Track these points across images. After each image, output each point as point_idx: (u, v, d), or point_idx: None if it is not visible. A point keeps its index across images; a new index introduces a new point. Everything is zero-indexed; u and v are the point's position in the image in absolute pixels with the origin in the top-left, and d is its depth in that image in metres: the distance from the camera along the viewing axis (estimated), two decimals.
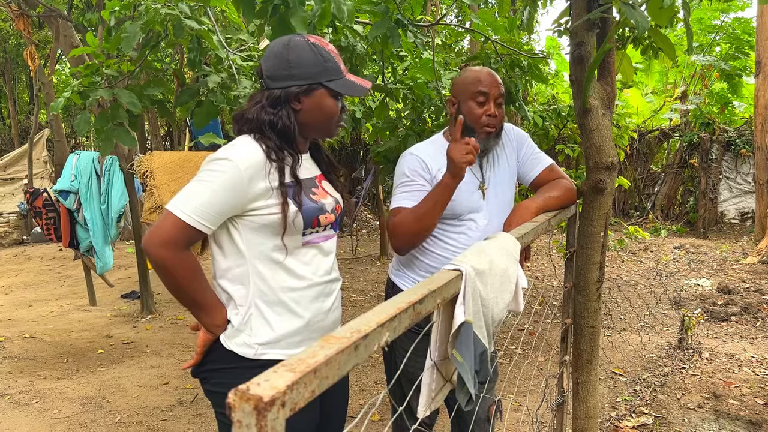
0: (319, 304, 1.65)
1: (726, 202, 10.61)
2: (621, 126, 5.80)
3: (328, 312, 1.69)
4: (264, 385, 0.64)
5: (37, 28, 10.86)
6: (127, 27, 2.64)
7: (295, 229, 1.57)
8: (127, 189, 5.72)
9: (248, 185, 1.50)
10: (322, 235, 1.66)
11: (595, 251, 2.14)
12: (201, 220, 1.46)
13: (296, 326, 1.61)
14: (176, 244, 1.46)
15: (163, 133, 14.92)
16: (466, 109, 2.01)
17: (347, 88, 1.62)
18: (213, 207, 1.47)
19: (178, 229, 1.45)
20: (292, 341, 1.61)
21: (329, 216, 1.66)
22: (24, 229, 10.88)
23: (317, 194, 1.66)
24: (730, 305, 5.69)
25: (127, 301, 6.43)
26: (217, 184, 1.47)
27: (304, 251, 1.62)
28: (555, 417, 2.37)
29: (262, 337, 1.57)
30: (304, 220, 1.57)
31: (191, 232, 1.47)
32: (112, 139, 2.84)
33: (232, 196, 1.49)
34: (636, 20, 1.79)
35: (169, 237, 1.45)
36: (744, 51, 11.54)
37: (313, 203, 1.61)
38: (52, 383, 4.13)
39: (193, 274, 1.51)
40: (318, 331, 1.66)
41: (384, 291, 3.23)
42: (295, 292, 1.60)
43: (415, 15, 3.61)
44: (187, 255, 1.49)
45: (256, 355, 1.57)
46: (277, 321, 1.58)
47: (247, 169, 1.49)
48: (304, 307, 1.62)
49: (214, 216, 1.48)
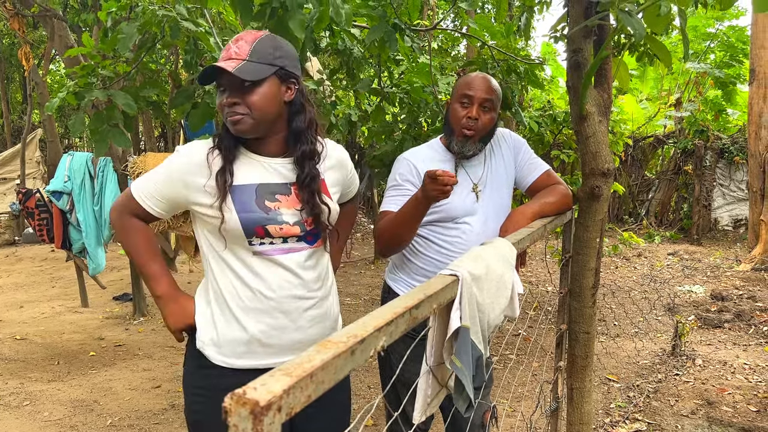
0: (268, 320, 1.56)
1: (720, 209, 10.66)
2: (616, 132, 5.81)
3: (284, 330, 1.58)
4: (260, 389, 0.64)
5: (31, 27, 10.82)
6: (123, 28, 2.63)
7: (233, 236, 1.53)
8: (120, 190, 5.70)
9: (184, 176, 1.56)
10: (278, 248, 1.55)
11: (590, 257, 2.14)
12: (143, 196, 1.61)
13: (237, 336, 1.56)
14: (122, 211, 1.64)
15: (157, 135, 14.88)
16: (451, 110, 2.06)
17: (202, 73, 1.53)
18: (152, 190, 1.60)
19: (126, 199, 1.64)
20: (236, 350, 1.57)
21: (286, 228, 1.55)
22: (16, 229, 10.82)
23: (279, 202, 1.56)
24: (723, 312, 5.71)
25: (120, 303, 6.40)
26: (161, 170, 1.60)
27: (257, 262, 1.55)
28: (549, 423, 2.37)
29: (208, 335, 1.60)
30: (243, 226, 1.51)
31: (135, 204, 1.62)
32: (107, 141, 2.83)
33: (169, 184, 1.58)
34: (633, 27, 1.79)
35: (119, 203, 1.66)
36: (738, 59, 11.62)
37: (260, 211, 1.53)
38: (42, 385, 4.10)
39: (136, 241, 1.64)
40: (270, 347, 1.57)
41: (378, 295, 3.21)
42: (242, 301, 1.55)
43: (412, 19, 3.62)
44: (131, 222, 1.64)
45: (207, 356, 1.60)
46: (222, 323, 1.58)
47: (185, 161, 1.57)
48: (248, 318, 1.55)
49: (154, 198, 1.60)
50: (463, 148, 2.02)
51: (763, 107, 8.58)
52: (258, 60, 1.50)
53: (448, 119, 2.06)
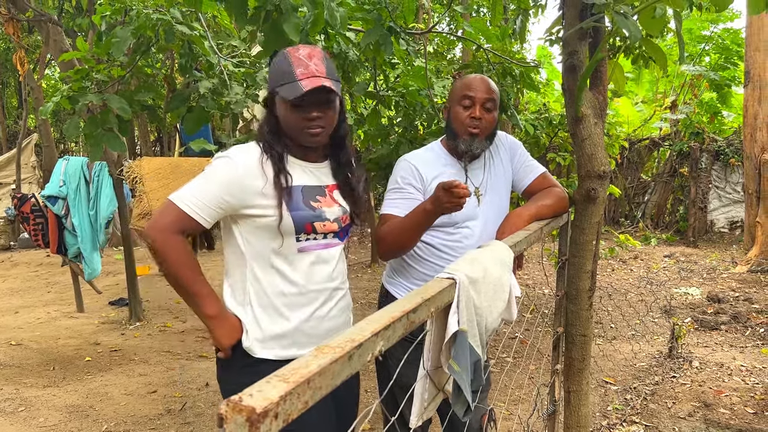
0: (310, 311, 1.68)
1: (715, 211, 10.67)
2: (612, 135, 5.82)
3: (321, 319, 1.71)
4: (257, 396, 0.63)
5: (26, 32, 10.80)
6: (117, 32, 2.62)
7: (285, 232, 1.61)
8: (116, 195, 5.68)
9: (243, 180, 1.58)
10: (320, 243, 1.68)
11: (587, 260, 2.14)
12: (196, 209, 1.55)
13: (283, 329, 1.65)
14: (170, 230, 1.55)
15: (153, 139, 14.86)
16: (453, 113, 2.04)
17: (286, 91, 1.57)
18: (208, 199, 1.56)
19: (174, 216, 1.55)
20: (281, 343, 1.66)
21: (329, 225, 1.68)
22: (11, 234, 10.78)
23: (321, 202, 1.69)
24: (719, 314, 5.71)
25: (115, 308, 6.37)
26: (214, 178, 1.58)
27: (300, 257, 1.65)
28: (546, 426, 2.36)
29: (252, 335, 1.64)
30: (295, 223, 1.61)
31: (186, 220, 1.55)
32: (101, 145, 2.82)
33: (226, 190, 1.57)
34: (628, 30, 1.79)
35: (164, 223, 1.55)
36: (733, 61, 11.66)
37: (308, 209, 1.64)
38: (38, 391, 4.07)
39: (185, 260, 1.57)
40: (309, 337, 1.69)
41: (375, 299, 3.20)
42: (287, 297, 1.65)
43: (408, 23, 3.62)
44: (178, 241, 1.56)
45: (251, 352, 1.64)
46: (265, 321, 1.65)
47: (242, 166, 1.59)
48: (294, 312, 1.66)
49: (210, 209, 1.57)
50: (471, 147, 2.02)
51: (758, 109, 8.61)
52: (333, 77, 1.62)
53: (451, 122, 2.05)
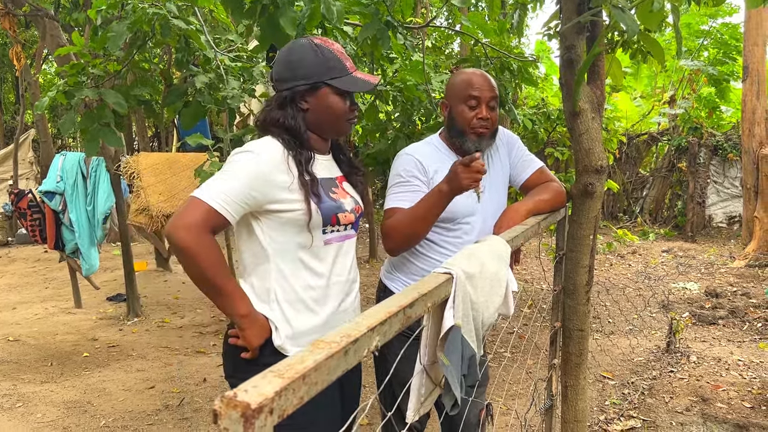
0: (335, 304, 1.71)
1: (714, 206, 10.68)
2: (610, 129, 5.82)
3: (345, 312, 1.74)
4: (252, 391, 0.62)
5: (23, 27, 10.75)
6: (113, 26, 2.61)
7: (313, 225, 1.62)
8: (113, 190, 5.67)
9: (269, 175, 1.55)
10: (342, 235, 1.71)
11: (584, 254, 2.14)
12: (225, 205, 1.48)
13: (313, 324, 1.66)
14: (200, 228, 1.46)
15: (150, 134, 14.82)
16: (457, 112, 2.01)
17: (351, 85, 1.65)
18: (236, 195, 1.50)
19: (203, 213, 1.47)
20: (311, 338, 1.63)
21: (348, 215, 1.70)
22: (8, 230, 10.75)
23: (337, 193, 1.70)
24: (717, 309, 5.72)
25: (113, 303, 6.36)
26: (240, 173, 1.52)
27: (325, 250, 1.67)
28: (544, 421, 2.36)
29: (283, 332, 1.63)
30: (323, 216, 1.62)
31: (215, 217, 1.48)
32: (98, 140, 2.81)
33: (254, 185, 1.52)
34: (626, 24, 1.78)
35: (193, 220, 1.46)
36: (731, 56, 11.66)
37: (332, 201, 1.66)
38: (35, 387, 4.07)
39: (216, 260, 1.50)
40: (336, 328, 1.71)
41: (373, 294, 3.20)
42: (315, 291, 1.66)
43: (405, 17, 3.61)
44: (210, 239, 1.49)
45: (284, 351, 1.62)
46: (295, 317, 1.64)
47: (268, 161, 1.56)
48: (322, 306, 1.67)
49: (237, 204, 1.51)
50: (480, 146, 2.01)
51: (757, 104, 8.61)
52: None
53: (455, 120, 2.02)
